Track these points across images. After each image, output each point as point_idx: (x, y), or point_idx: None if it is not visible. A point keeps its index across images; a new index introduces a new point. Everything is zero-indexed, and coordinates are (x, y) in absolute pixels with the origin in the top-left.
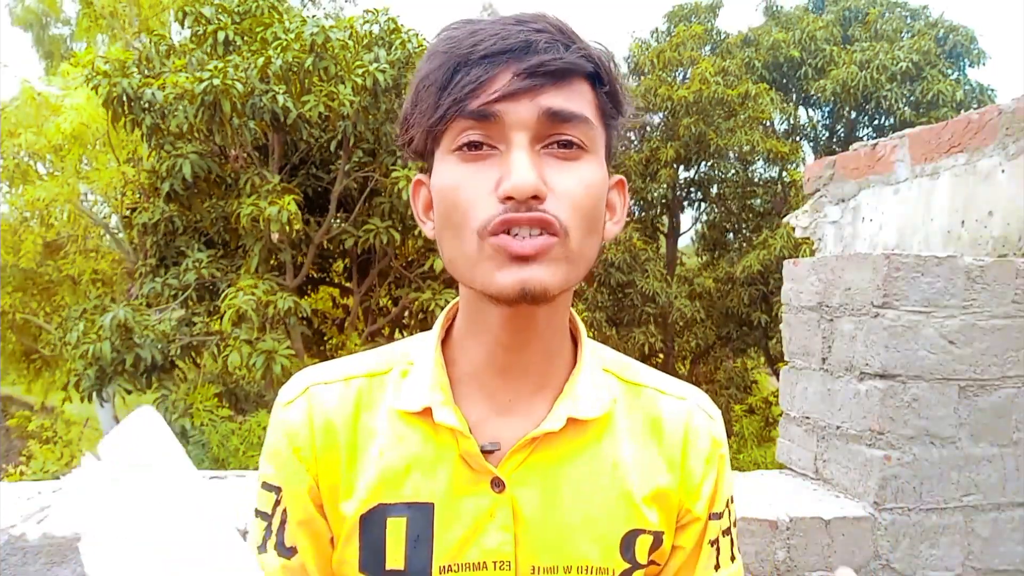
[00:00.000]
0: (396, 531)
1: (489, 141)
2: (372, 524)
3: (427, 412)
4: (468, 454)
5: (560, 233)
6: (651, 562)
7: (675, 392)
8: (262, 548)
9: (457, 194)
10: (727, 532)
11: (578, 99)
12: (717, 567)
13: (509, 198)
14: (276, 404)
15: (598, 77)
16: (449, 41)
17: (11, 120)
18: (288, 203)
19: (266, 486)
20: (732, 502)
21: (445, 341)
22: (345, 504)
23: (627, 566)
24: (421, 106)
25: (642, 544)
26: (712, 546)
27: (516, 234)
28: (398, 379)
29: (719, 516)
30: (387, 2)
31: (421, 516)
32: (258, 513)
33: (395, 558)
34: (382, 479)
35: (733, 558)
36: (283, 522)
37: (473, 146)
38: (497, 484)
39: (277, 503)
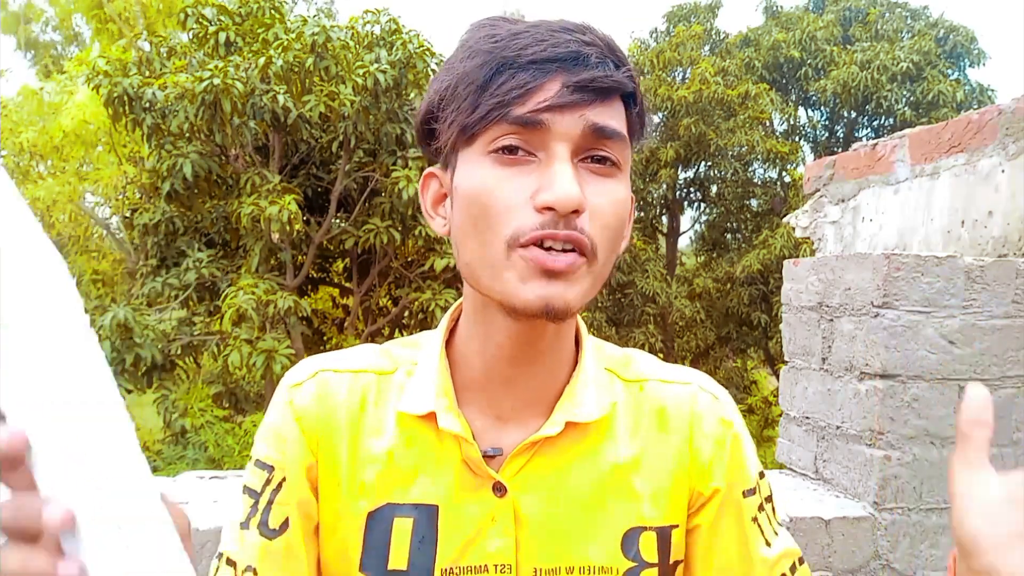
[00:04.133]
0: (402, 531)
1: (527, 147)
2: (378, 523)
3: (432, 416)
4: (471, 459)
5: (589, 253)
6: (676, 562)
7: (678, 379)
8: (244, 525)
9: (490, 198)
10: (762, 508)
11: (617, 117)
12: (768, 544)
13: (549, 208)
14: (282, 386)
15: (633, 97)
16: (491, 39)
17: (12, 119)
18: (288, 203)
19: (259, 464)
20: (763, 477)
21: (449, 342)
22: (345, 498)
23: (632, 564)
24: (457, 103)
25: (646, 541)
26: (755, 523)
27: (549, 247)
28: (404, 379)
29: (752, 492)
30: (388, 2)
31: (426, 518)
32: (246, 489)
33: (399, 558)
34: (391, 479)
35: (776, 532)
36: (270, 502)
37: (509, 150)
38: (499, 489)
39: (268, 482)
